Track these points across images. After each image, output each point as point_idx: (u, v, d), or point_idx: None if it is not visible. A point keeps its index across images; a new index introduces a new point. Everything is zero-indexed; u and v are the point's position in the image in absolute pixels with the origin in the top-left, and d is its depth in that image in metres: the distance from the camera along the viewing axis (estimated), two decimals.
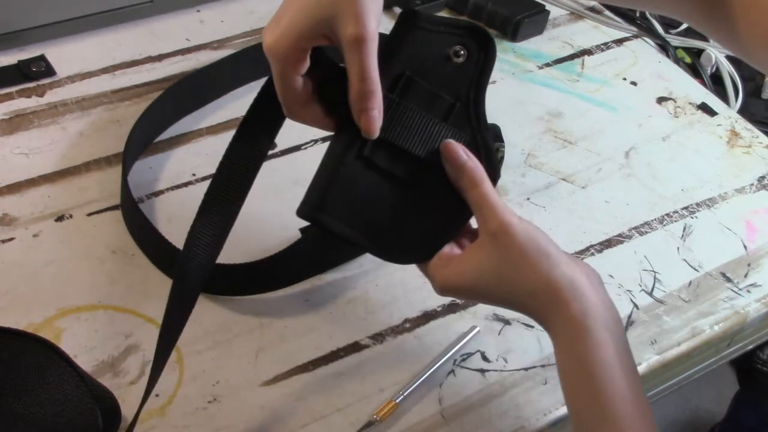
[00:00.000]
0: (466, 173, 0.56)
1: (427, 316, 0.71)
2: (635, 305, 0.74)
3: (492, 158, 0.58)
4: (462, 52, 0.57)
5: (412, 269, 0.74)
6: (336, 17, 0.51)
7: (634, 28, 1.05)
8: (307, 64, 0.54)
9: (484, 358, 0.69)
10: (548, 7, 1.02)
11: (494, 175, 0.58)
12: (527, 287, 0.54)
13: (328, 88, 0.56)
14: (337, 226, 0.57)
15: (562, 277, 0.53)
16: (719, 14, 0.60)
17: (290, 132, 0.84)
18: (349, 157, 0.57)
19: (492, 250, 0.54)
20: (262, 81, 0.89)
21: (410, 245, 0.59)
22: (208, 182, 0.77)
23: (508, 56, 0.98)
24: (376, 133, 0.55)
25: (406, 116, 0.57)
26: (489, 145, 0.58)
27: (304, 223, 0.59)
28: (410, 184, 0.58)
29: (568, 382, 0.54)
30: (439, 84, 0.57)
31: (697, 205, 0.84)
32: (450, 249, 0.58)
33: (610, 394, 0.51)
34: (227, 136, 0.83)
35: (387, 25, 0.98)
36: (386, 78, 0.56)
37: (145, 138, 0.80)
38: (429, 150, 0.57)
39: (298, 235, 0.72)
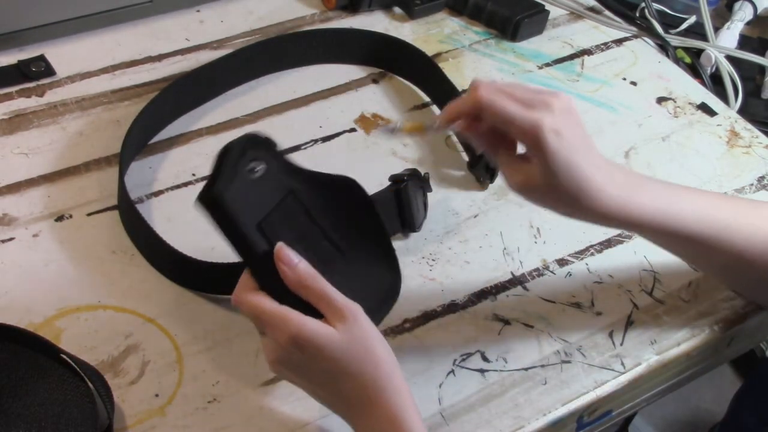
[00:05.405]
0: (298, 271, 0.56)
1: (427, 316, 0.71)
2: (635, 305, 0.74)
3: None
4: (258, 167, 0.57)
5: (410, 270, 0.74)
6: None
7: (634, 28, 1.05)
8: None
9: (484, 358, 0.69)
10: (548, 7, 1.02)
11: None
12: (366, 373, 0.56)
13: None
14: None
15: (396, 379, 0.56)
16: None
17: (290, 132, 0.84)
18: None
19: (340, 333, 0.55)
20: (259, 80, 0.90)
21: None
22: None
23: (507, 56, 0.98)
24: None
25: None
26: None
27: None
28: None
29: None
30: (273, 199, 0.58)
31: None
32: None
33: None
34: (227, 136, 0.84)
35: (387, 25, 0.99)
36: (257, 246, 0.57)
37: (143, 138, 0.80)
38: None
39: None
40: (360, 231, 0.61)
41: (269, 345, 0.57)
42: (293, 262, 0.56)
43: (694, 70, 1.02)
